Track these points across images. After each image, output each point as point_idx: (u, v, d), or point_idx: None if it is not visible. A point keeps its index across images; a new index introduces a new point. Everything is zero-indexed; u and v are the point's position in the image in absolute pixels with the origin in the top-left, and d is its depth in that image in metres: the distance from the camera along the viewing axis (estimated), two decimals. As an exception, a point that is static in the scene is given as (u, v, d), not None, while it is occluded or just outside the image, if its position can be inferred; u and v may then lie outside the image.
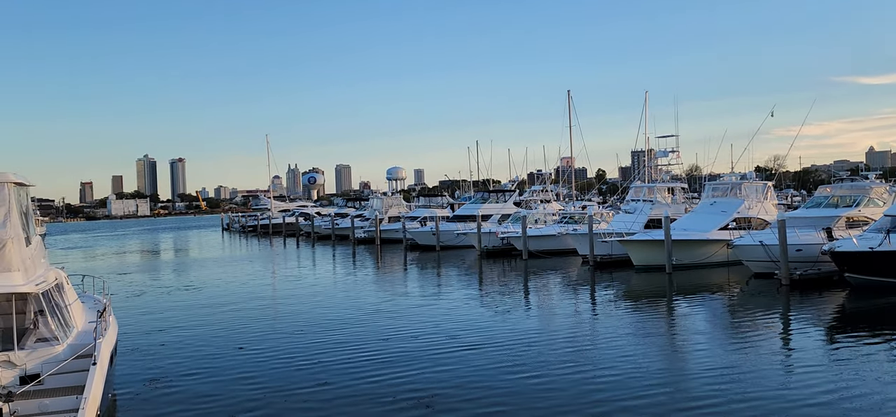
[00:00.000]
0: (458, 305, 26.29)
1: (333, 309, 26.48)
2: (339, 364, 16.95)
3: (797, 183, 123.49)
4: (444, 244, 55.10)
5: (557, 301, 27.50)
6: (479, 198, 67.46)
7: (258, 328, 22.51)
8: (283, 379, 15.74)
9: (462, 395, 14.00)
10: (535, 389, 14.27)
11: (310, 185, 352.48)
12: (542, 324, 22.24)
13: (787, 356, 17.00)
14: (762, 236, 31.39)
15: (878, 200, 34.84)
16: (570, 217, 49.31)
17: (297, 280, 37.72)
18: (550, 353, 17.46)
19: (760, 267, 30.74)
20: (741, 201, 38.29)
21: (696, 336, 19.75)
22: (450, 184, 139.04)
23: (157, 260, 58.27)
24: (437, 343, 19.16)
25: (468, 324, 21.98)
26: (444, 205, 77.12)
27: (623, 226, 40.52)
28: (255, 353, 18.60)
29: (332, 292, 31.80)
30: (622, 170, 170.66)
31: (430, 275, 37.81)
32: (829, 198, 36.80)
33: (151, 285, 37.14)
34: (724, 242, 34.38)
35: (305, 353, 18.35)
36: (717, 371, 15.16)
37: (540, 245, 45.69)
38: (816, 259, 28.55)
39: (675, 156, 51.32)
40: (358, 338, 20.20)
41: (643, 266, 35.62)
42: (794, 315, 22.81)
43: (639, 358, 16.70)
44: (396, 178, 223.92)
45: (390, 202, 79.22)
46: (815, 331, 19.92)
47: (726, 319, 22.47)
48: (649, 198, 45.69)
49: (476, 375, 15.53)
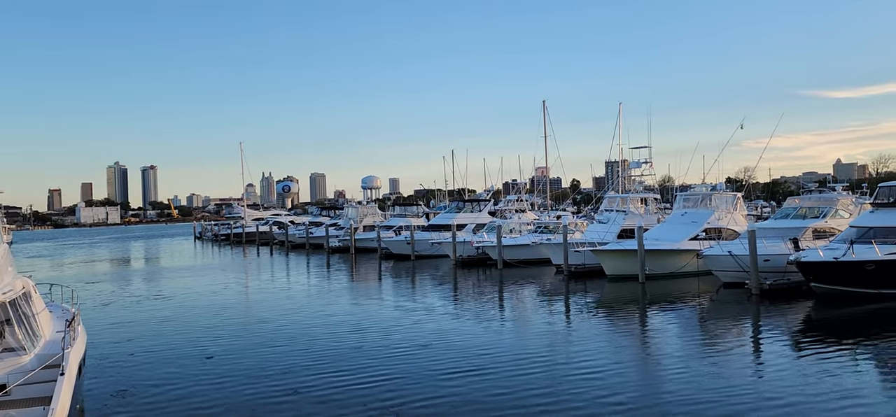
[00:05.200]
0: (432, 315, 26.29)
1: (306, 318, 26.32)
2: (310, 374, 16.87)
3: (767, 194, 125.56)
4: (418, 253, 55.04)
5: (531, 310, 27.64)
6: (454, 208, 67.51)
7: (229, 338, 22.29)
8: (253, 389, 15.61)
9: (432, 405, 14.01)
10: (508, 399, 14.32)
11: (284, 194, 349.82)
12: (516, 334, 22.34)
13: (757, 364, 17.29)
14: (732, 246, 31.87)
15: (844, 212, 35.59)
16: (545, 227, 49.56)
17: (269, 289, 37.43)
18: (523, 363, 17.54)
19: (730, 276, 31.20)
20: (712, 212, 38.85)
21: (668, 345, 19.99)
22: (425, 194, 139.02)
23: (126, 269, 57.39)
24: (409, 352, 19.15)
25: (441, 334, 22.00)
26: (420, 215, 76.99)
27: (597, 236, 40.86)
28: (224, 363, 18.42)
29: (305, 301, 31.61)
30: (596, 181, 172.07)
31: (405, 285, 37.75)
32: (797, 209, 37.51)
33: (121, 294, 36.58)
34: (695, 252, 34.84)
35: (276, 363, 18.21)
36: (688, 380, 15.37)
37: (514, 254, 45.86)
38: (784, 269, 29.07)
39: (648, 167, 51.93)
40: (330, 348, 20.11)
41: (616, 275, 35.94)
42: (763, 324, 23.19)
43: (612, 368, 16.85)
44: (371, 187, 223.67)
45: (365, 211, 78.93)
46: (783, 340, 20.28)
47: (698, 328, 22.77)
48: (623, 208, 46.17)
49: (447, 385, 15.54)
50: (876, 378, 15.55)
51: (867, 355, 17.80)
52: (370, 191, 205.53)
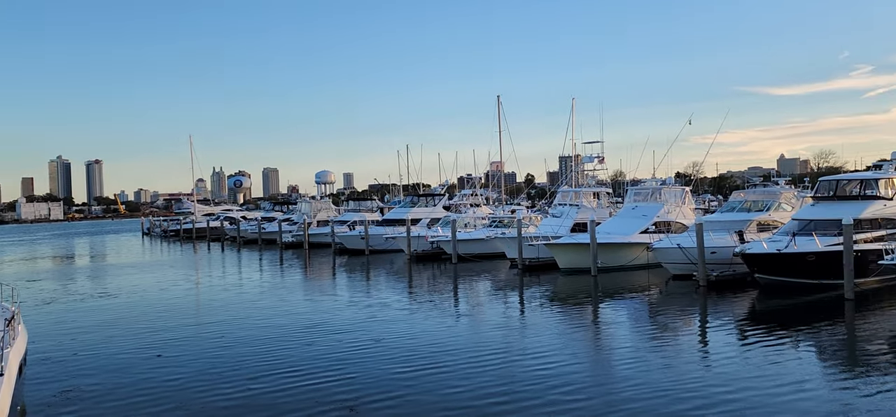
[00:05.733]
0: (387, 310, 26.21)
1: (258, 314, 25.93)
2: (263, 370, 16.63)
3: (714, 188, 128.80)
4: (373, 248, 54.80)
5: (485, 304, 27.80)
6: (408, 202, 67.36)
7: (178, 335, 21.81)
8: (204, 386, 15.31)
9: (387, 400, 13.98)
10: (463, 393, 14.38)
11: (236, 189, 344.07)
12: (470, 327, 22.44)
13: (705, 354, 17.77)
14: (680, 239, 32.62)
15: (787, 205, 36.79)
16: (500, 221, 49.85)
17: (221, 286, 36.76)
18: (477, 356, 17.63)
19: (679, 268, 31.93)
20: (661, 205, 39.68)
21: (620, 337, 20.37)
22: (379, 188, 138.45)
23: (70, 267, 55.59)
24: (363, 348, 19.04)
25: (395, 328, 21.95)
26: (374, 209, 76.57)
27: (550, 230, 41.33)
28: (174, 360, 18.02)
29: (258, 298, 31.14)
30: (550, 175, 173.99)
31: (359, 280, 37.55)
32: (742, 202, 38.61)
33: (64, 292, 35.43)
34: (645, 245, 35.54)
35: (228, 360, 17.90)
36: (640, 371, 15.67)
37: (469, 249, 46.04)
38: (730, 261, 29.89)
39: (601, 162, 52.78)
40: (283, 343, 19.86)
41: (569, 268, 36.42)
42: (710, 315, 23.83)
43: (566, 360, 17.07)
44: (325, 182, 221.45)
45: (319, 206, 78.10)
46: (729, 330, 20.88)
47: (648, 320, 23.24)
48: (576, 202, 46.79)
49: (402, 380, 15.52)
50: (817, 366, 16.14)
51: (809, 343, 18.46)
52: (324, 185, 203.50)
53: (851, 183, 31.08)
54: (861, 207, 28.42)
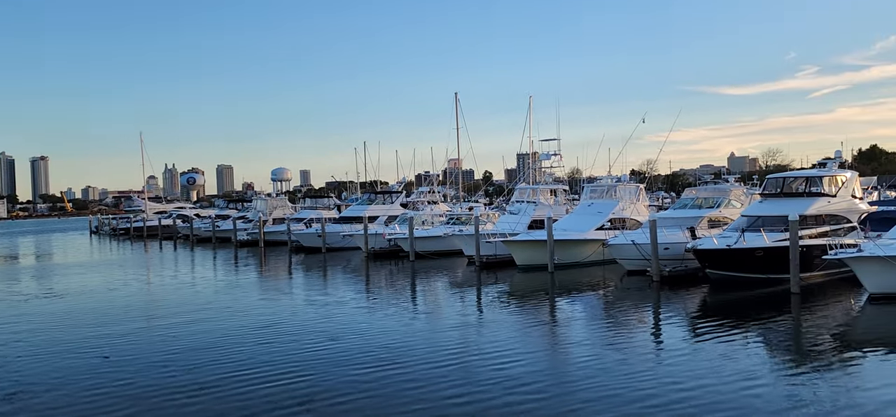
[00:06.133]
0: (343, 308, 25.98)
1: (212, 313, 25.41)
2: (216, 370, 16.30)
3: (667, 185, 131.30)
4: (330, 246, 54.29)
5: (443, 302, 27.78)
6: (365, 200, 66.96)
7: (127, 335, 21.22)
8: (154, 388, 14.92)
9: (344, 398, 13.83)
10: (418, 389, 14.32)
11: (189, 186, 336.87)
12: (428, 326, 22.39)
13: (659, 349, 18.08)
14: (634, 236, 33.14)
15: (737, 202, 37.73)
16: (457, 218, 49.94)
17: (173, 285, 35.93)
18: (434, 353, 17.60)
19: (633, 264, 32.44)
20: (616, 202, 40.25)
21: (576, 333, 20.57)
22: (336, 186, 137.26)
23: (13, 266, 53.61)
24: (319, 346, 18.82)
25: (352, 327, 21.77)
26: (331, 207, 75.86)
27: (508, 227, 41.54)
28: (123, 362, 17.52)
29: (212, 297, 30.52)
30: (508, 172, 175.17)
31: (315, 277, 37.15)
32: (694, 199, 39.48)
33: (7, 292, 34.13)
34: (601, 242, 36.02)
35: (180, 361, 17.48)
36: (596, 367, 15.83)
37: (427, 246, 45.98)
38: (683, 256, 30.50)
39: (558, 159, 53.27)
40: (237, 343, 19.49)
41: (526, 265, 36.66)
42: (663, 310, 24.27)
43: (522, 356, 17.15)
44: (282, 179, 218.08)
45: (275, 203, 77.03)
46: (682, 325, 21.31)
47: (604, 316, 23.54)
48: (533, 199, 47.11)
49: (359, 378, 15.38)
50: (766, 359, 16.56)
51: (758, 337, 18.94)
52: (280, 183, 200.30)
53: (797, 180, 32.03)
54: (806, 204, 29.30)
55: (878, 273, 22.85)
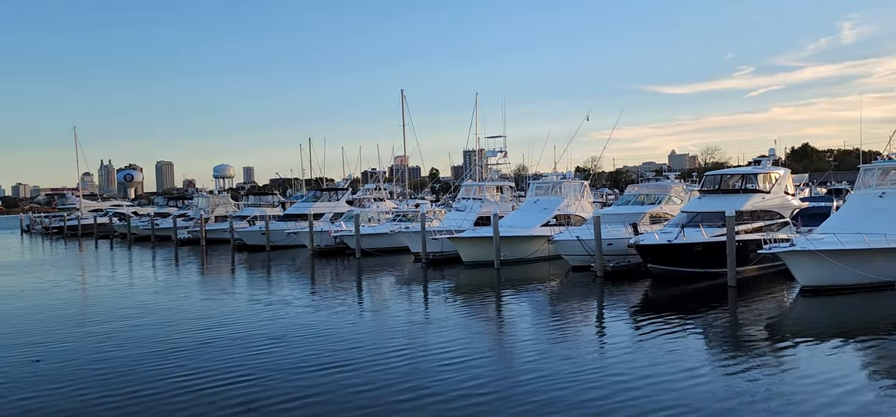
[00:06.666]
0: (288, 307, 25.55)
1: (150, 315, 24.60)
2: (155, 373, 15.77)
3: (611, 182, 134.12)
4: (274, 243, 53.44)
5: (390, 299, 27.63)
6: (311, 197, 66.20)
7: (61, 339, 20.35)
8: (89, 391, 14.34)
9: (287, 400, 13.55)
10: (364, 391, 14.15)
11: (126, 183, 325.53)
12: (374, 323, 22.22)
13: (604, 344, 18.38)
14: (579, 232, 33.64)
15: (677, 198, 38.71)
16: (404, 215, 49.79)
17: (109, 286, 34.68)
18: (380, 351, 17.45)
19: (578, 260, 32.91)
20: (561, 199, 40.77)
21: (522, 329, 20.73)
22: (281, 183, 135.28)
23: (-63, 268, 50.87)
24: (263, 347, 18.43)
25: (297, 326, 21.41)
26: (275, 204, 74.68)
27: (454, 224, 41.63)
28: (55, 367, 16.78)
29: (150, 297, 29.58)
30: (455, 169, 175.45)
31: (259, 277, 36.46)
32: (636, 196, 40.33)
33: (-71, 296, 32.35)
34: (546, 238, 36.44)
35: (116, 364, 16.84)
36: (542, 362, 15.96)
37: (373, 243, 45.70)
38: (625, 252, 31.11)
39: (504, 156, 53.63)
40: (177, 344, 18.92)
41: (472, 262, 36.80)
42: (607, 304, 24.70)
43: (469, 353, 17.15)
44: (224, 176, 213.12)
45: (217, 201, 75.36)
46: (625, 319, 21.73)
47: (549, 312, 23.79)
48: (479, 196, 47.33)
49: (303, 379, 15.11)
50: (705, 351, 17.01)
51: (697, 330, 19.45)
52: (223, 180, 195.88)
53: (734, 177, 33.03)
54: (742, 200, 30.26)
55: (809, 266, 23.75)
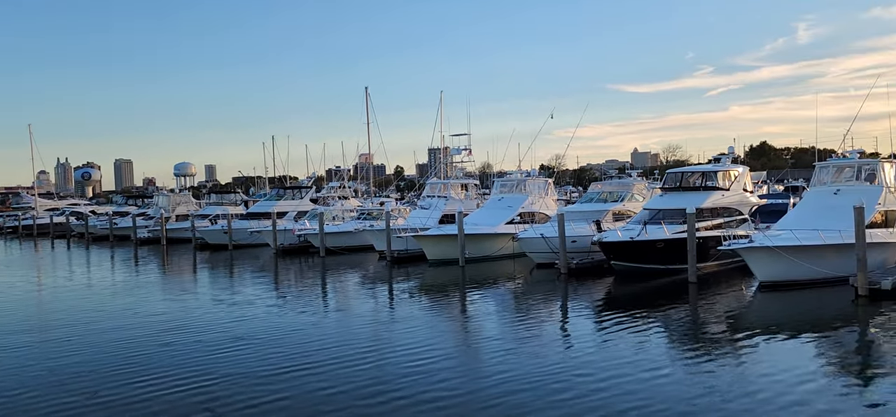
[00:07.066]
0: (251, 307, 25.19)
1: (108, 317, 24.01)
2: (113, 376, 15.39)
3: (575, 179, 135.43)
4: (237, 242, 52.68)
5: (355, 298, 27.47)
6: (274, 195, 65.41)
7: (13, 343, 19.72)
8: (46, 395, 13.94)
9: (249, 401, 13.35)
10: (329, 391, 14.03)
11: (83, 182, 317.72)
12: (338, 322, 22.06)
13: (566, 339, 18.54)
14: (543, 229, 33.88)
15: (639, 195, 39.24)
16: (368, 213, 49.57)
17: (66, 287, 33.80)
18: (345, 351, 17.32)
19: (542, 257, 33.14)
20: (526, 197, 41.01)
21: (488, 327, 20.79)
22: (244, 181, 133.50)
23: None
24: (224, 348, 18.12)
25: (260, 327, 21.12)
26: (238, 203, 73.67)
27: (419, 222, 41.57)
28: (9, 372, 16.27)
29: (108, 298, 28.90)
30: (419, 167, 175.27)
31: (222, 276, 35.91)
32: (599, 193, 40.76)
33: None
34: (511, 236, 36.62)
35: (72, 367, 16.39)
36: (508, 361, 15.97)
37: (337, 241, 45.39)
38: (589, 249, 31.43)
39: (468, 154, 53.78)
40: (136, 346, 18.50)
41: (437, 260, 36.79)
42: (571, 301, 24.93)
43: (435, 352, 17.13)
44: (185, 174, 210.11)
45: (178, 199, 73.94)
46: (589, 316, 21.96)
47: (514, 309, 23.91)
48: (444, 194, 47.40)
49: (266, 379, 14.92)
50: (667, 347, 17.27)
51: (659, 326, 19.73)
52: (184, 178, 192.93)
53: (694, 175, 33.60)
54: (702, 197, 30.81)
55: (768, 262, 24.30)
